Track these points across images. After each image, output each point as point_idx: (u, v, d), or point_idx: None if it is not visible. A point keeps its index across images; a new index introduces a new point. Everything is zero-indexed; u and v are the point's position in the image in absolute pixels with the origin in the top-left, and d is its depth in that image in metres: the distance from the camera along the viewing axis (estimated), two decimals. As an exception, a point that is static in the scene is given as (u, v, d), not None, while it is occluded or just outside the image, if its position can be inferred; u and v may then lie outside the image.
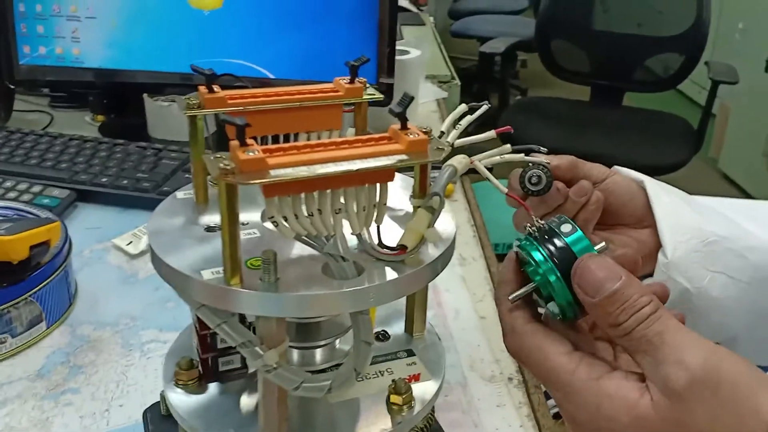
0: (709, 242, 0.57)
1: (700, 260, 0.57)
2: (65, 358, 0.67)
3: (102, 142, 1.03)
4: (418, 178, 0.41)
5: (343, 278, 0.37)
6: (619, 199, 0.59)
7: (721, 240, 0.57)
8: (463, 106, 0.47)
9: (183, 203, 0.44)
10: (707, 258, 0.57)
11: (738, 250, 0.58)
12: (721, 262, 0.57)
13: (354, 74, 0.45)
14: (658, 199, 0.59)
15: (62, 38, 1.07)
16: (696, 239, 0.57)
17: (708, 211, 0.61)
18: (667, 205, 0.58)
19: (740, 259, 0.58)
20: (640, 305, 0.37)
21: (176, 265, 0.36)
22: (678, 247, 0.57)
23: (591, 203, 0.56)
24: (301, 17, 1.04)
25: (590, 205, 0.56)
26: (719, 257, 0.57)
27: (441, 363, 0.47)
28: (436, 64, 1.67)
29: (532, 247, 0.41)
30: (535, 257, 0.40)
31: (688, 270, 0.57)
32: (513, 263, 0.44)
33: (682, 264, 0.57)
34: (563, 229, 0.41)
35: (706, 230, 0.58)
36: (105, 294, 0.76)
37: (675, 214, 0.58)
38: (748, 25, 3.26)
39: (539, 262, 0.40)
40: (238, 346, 0.36)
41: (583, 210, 0.57)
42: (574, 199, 0.56)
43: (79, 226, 0.89)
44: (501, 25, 3.77)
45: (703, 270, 0.57)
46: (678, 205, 0.59)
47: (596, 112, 2.39)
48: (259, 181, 0.33)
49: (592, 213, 0.57)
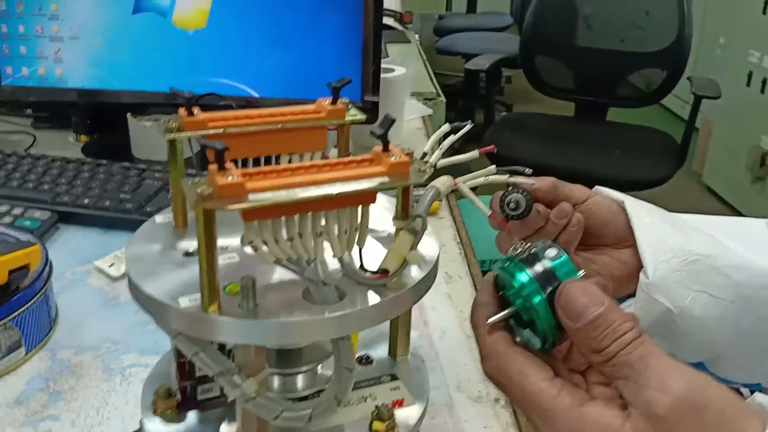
0: (690, 261, 0.57)
1: (681, 279, 0.57)
2: (45, 384, 0.65)
3: (85, 162, 1.02)
4: (400, 200, 0.41)
5: (325, 303, 0.36)
6: (600, 219, 0.59)
7: (702, 258, 0.57)
8: (446, 126, 0.47)
9: (162, 227, 0.43)
10: (689, 277, 0.57)
11: (720, 269, 0.58)
12: (703, 280, 0.57)
13: (336, 96, 0.45)
14: (639, 219, 0.59)
15: (45, 59, 1.07)
16: (677, 258, 0.57)
17: (689, 229, 0.61)
18: (647, 225, 0.58)
19: (722, 278, 0.58)
20: (623, 331, 0.37)
21: (153, 292, 0.36)
22: (659, 266, 0.57)
23: (572, 225, 0.56)
24: (285, 36, 1.04)
25: (571, 227, 0.56)
26: (701, 276, 0.57)
27: (425, 387, 0.46)
28: (421, 81, 1.68)
29: (516, 268, 0.41)
30: (519, 279, 0.40)
31: (669, 290, 0.57)
32: (490, 286, 0.44)
33: (664, 284, 0.57)
34: (548, 254, 0.40)
35: (687, 249, 0.58)
36: (86, 317, 0.75)
37: (655, 233, 0.58)
38: (729, 40, 3.31)
39: (523, 284, 0.40)
40: (216, 376, 0.35)
41: (564, 232, 0.57)
42: (554, 221, 0.56)
43: (60, 248, 0.88)
44: (486, 42, 3.80)
45: (684, 289, 0.57)
46: (658, 225, 0.59)
47: (581, 127, 2.40)
48: (238, 207, 0.32)
49: (573, 234, 0.57)
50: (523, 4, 3.82)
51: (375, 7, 1.02)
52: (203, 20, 1.04)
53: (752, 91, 2.94)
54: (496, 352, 0.41)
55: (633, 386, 0.36)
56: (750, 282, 0.58)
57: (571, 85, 2.42)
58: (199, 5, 1.04)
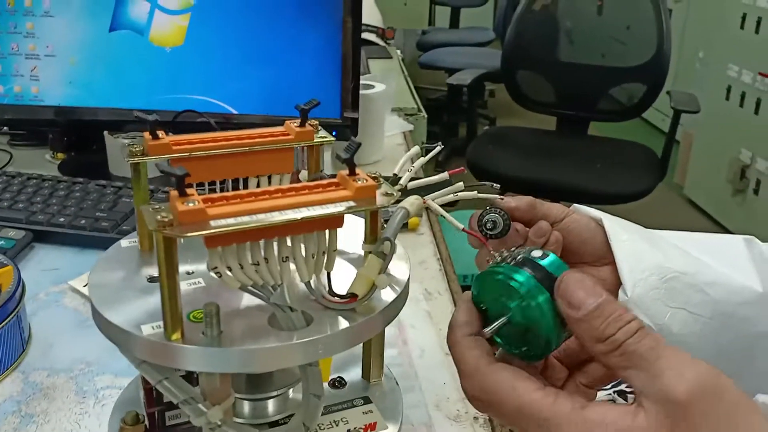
0: (668, 278, 0.57)
1: (660, 297, 0.57)
2: (16, 407, 0.64)
3: (61, 180, 1.01)
4: (368, 224, 0.41)
5: (291, 329, 0.36)
6: (578, 237, 0.60)
7: (680, 276, 0.58)
8: (416, 148, 0.47)
9: (127, 252, 0.43)
10: (667, 294, 0.57)
11: (698, 285, 0.58)
12: (681, 297, 0.58)
13: (304, 118, 0.45)
14: (617, 237, 0.59)
15: (21, 76, 1.06)
16: (655, 276, 0.57)
17: (666, 246, 0.61)
18: (625, 243, 0.59)
19: (700, 294, 0.58)
20: (627, 319, 0.37)
21: (115, 320, 0.35)
22: (637, 284, 0.57)
23: (550, 243, 0.57)
24: (263, 53, 1.04)
25: (549, 246, 0.57)
26: (679, 293, 0.58)
27: (399, 409, 0.46)
28: (402, 96, 1.68)
29: (512, 271, 0.40)
30: (519, 280, 0.39)
31: (649, 307, 0.57)
32: (469, 304, 0.43)
33: (642, 301, 0.57)
34: (535, 254, 0.40)
35: (666, 267, 0.58)
36: (60, 338, 0.74)
37: (633, 251, 0.58)
38: (708, 54, 3.35)
39: (523, 284, 0.39)
40: (181, 404, 0.35)
41: None
42: (533, 239, 0.56)
43: (35, 267, 0.87)
44: (468, 56, 3.82)
45: (663, 306, 0.57)
46: (637, 242, 0.59)
47: (562, 141, 2.42)
48: (198, 234, 0.32)
49: None
50: (505, 19, 3.85)
51: (353, 24, 1.02)
52: (180, 38, 1.04)
53: (731, 104, 2.97)
54: (480, 370, 0.40)
55: (645, 375, 0.35)
56: (728, 299, 0.58)
57: (552, 100, 2.44)
58: (176, 23, 1.03)
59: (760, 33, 2.79)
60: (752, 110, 2.84)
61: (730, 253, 0.62)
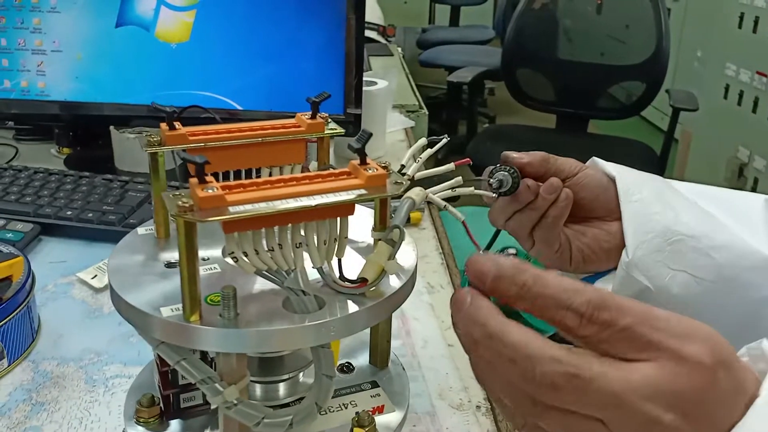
0: (673, 241, 0.58)
1: (662, 259, 0.58)
2: (27, 395, 0.65)
3: (67, 174, 1.02)
4: (378, 212, 0.42)
5: (304, 312, 0.37)
6: (590, 193, 0.60)
7: (686, 239, 0.58)
8: (423, 140, 0.49)
9: (144, 239, 0.44)
10: (670, 257, 0.58)
11: (703, 249, 0.58)
12: (685, 261, 0.58)
13: (315, 110, 0.46)
14: (627, 197, 0.59)
15: (27, 71, 1.07)
16: (660, 238, 0.58)
17: (683, 204, 0.61)
18: (634, 205, 0.59)
19: (705, 258, 0.58)
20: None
21: (135, 303, 0.36)
22: (640, 246, 0.58)
23: (560, 200, 0.58)
24: (268, 49, 1.05)
25: (560, 202, 0.58)
26: (683, 256, 0.58)
27: (405, 394, 0.47)
28: (403, 93, 1.69)
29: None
30: None
31: (649, 269, 0.58)
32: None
33: (643, 263, 0.58)
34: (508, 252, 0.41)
35: (673, 229, 0.58)
36: (69, 329, 0.75)
37: (641, 214, 0.59)
38: (707, 53, 3.37)
39: None
40: (198, 383, 0.36)
41: (553, 207, 0.58)
42: (544, 196, 0.57)
43: (43, 260, 0.88)
44: (468, 54, 3.83)
45: (664, 268, 0.58)
46: (647, 204, 0.60)
47: (562, 138, 2.43)
48: (218, 218, 0.33)
49: (562, 210, 0.59)
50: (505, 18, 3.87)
51: (357, 21, 1.03)
52: (186, 34, 1.05)
53: (729, 103, 2.99)
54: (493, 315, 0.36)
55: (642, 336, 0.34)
56: (735, 263, 0.58)
57: (552, 98, 2.45)
58: (182, 19, 1.05)
59: (757, 32, 2.81)
60: (750, 109, 2.86)
61: (747, 214, 0.62)
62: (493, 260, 0.36)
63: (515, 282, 0.35)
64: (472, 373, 0.41)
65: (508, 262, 0.36)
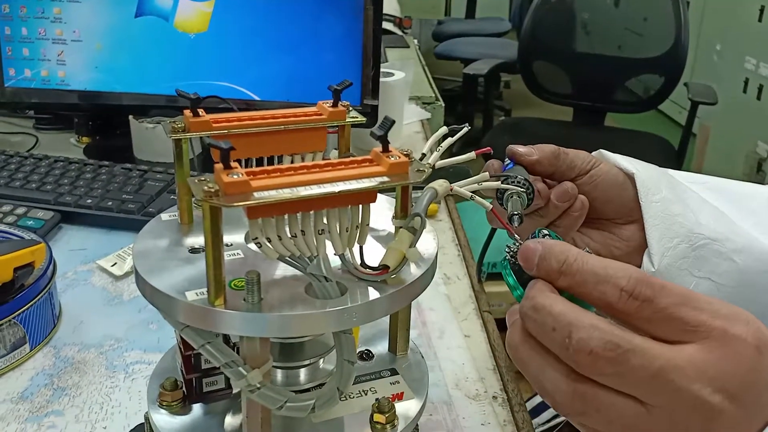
0: (697, 246, 0.54)
1: (687, 267, 0.54)
2: (49, 380, 0.66)
3: (87, 163, 1.03)
4: (399, 200, 0.42)
5: (326, 298, 0.37)
6: (603, 193, 0.56)
7: (710, 243, 0.55)
8: (444, 128, 0.48)
9: (167, 225, 0.44)
10: (694, 264, 0.54)
11: (726, 253, 0.55)
12: (708, 266, 0.55)
13: (337, 98, 0.46)
14: (648, 197, 0.55)
15: (48, 61, 1.08)
16: (685, 244, 0.54)
17: (696, 201, 0.57)
18: (656, 206, 0.55)
19: (728, 263, 0.55)
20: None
21: (160, 287, 0.37)
22: (666, 253, 0.54)
23: (575, 209, 0.54)
24: (286, 40, 1.06)
25: (574, 212, 0.54)
26: (706, 261, 0.55)
27: (424, 381, 0.48)
28: (420, 85, 1.69)
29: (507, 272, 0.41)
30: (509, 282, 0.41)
31: (674, 278, 0.54)
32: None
33: (669, 272, 0.54)
34: None
35: (696, 233, 0.54)
36: (89, 315, 0.76)
37: (664, 217, 0.54)
38: (726, 46, 3.33)
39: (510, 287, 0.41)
40: (222, 367, 0.37)
41: (566, 216, 0.54)
42: (556, 203, 0.53)
43: (63, 247, 0.89)
44: (484, 47, 3.82)
45: (689, 276, 0.54)
46: (668, 204, 0.55)
47: (579, 132, 2.42)
48: (243, 204, 0.33)
49: (575, 220, 0.55)
50: (522, 10, 3.85)
51: (375, 12, 1.03)
52: (205, 24, 1.06)
53: (749, 97, 2.96)
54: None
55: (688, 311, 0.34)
56: (754, 267, 0.55)
57: (569, 91, 2.44)
58: (201, 9, 1.05)
59: (778, 26, 2.78)
60: (769, 103, 2.83)
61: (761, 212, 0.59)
62: (540, 241, 0.38)
63: (558, 259, 0.36)
64: (488, 365, 0.42)
65: (556, 243, 0.37)
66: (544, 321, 0.35)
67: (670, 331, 0.34)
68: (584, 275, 0.35)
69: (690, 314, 0.34)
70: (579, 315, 0.34)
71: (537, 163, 0.53)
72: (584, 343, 0.33)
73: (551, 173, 0.54)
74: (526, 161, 0.53)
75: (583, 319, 0.34)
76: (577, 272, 0.36)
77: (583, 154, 0.56)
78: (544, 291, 0.36)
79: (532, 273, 0.38)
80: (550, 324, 0.35)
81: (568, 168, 0.54)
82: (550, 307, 0.35)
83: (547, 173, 0.54)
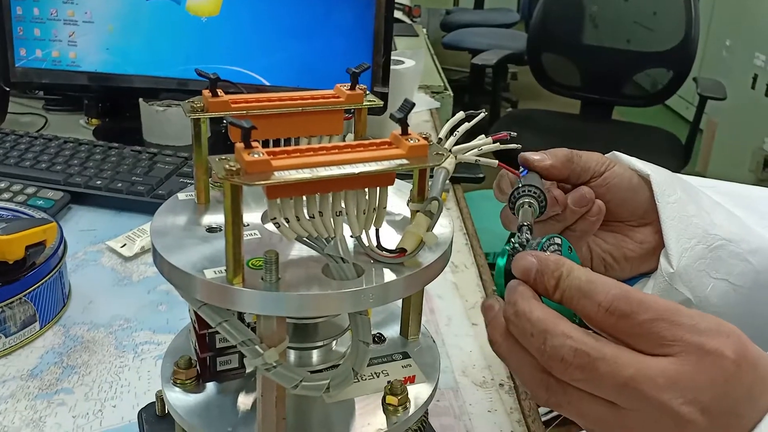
0: (714, 247, 0.54)
1: (705, 268, 0.54)
2: (58, 358, 0.67)
3: (97, 145, 1.03)
4: (416, 183, 0.42)
5: (343, 279, 0.37)
6: (617, 195, 0.55)
7: (726, 244, 0.54)
8: (460, 113, 0.49)
9: (184, 204, 0.44)
10: (711, 265, 0.54)
11: (742, 254, 0.54)
12: (725, 267, 0.54)
13: (355, 81, 0.46)
14: (664, 198, 0.54)
15: (59, 41, 1.08)
16: (702, 245, 0.54)
17: (711, 206, 0.57)
18: (672, 207, 0.54)
19: (744, 264, 0.54)
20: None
21: (179, 264, 0.37)
22: (684, 254, 0.53)
23: (592, 214, 0.53)
24: (297, 26, 1.05)
25: (591, 216, 0.53)
26: (723, 262, 0.54)
27: (436, 365, 0.48)
28: (429, 74, 1.69)
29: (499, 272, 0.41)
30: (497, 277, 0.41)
31: (691, 279, 0.54)
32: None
33: (686, 273, 0.53)
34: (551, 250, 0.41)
35: (712, 234, 0.54)
36: (99, 295, 0.77)
37: (681, 215, 0.54)
38: (736, 42, 3.32)
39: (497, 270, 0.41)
40: (239, 345, 0.37)
41: (583, 221, 0.54)
42: (573, 209, 0.53)
43: (73, 228, 0.89)
44: (492, 38, 3.81)
45: (706, 278, 0.54)
46: (684, 204, 0.55)
47: (586, 125, 2.41)
48: (264, 183, 0.33)
49: (592, 225, 0.54)
50: (530, 1, 3.83)
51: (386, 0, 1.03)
52: (216, 8, 1.05)
53: (757, 93, 2.95)
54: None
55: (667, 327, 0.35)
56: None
57: (577, 83, 2.43)
58: (213, -8, 1.05)
59: (788, 22, 2.76)
60: (777, 100, 2.82)
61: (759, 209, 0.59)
62: (536, 255, 0.39)
63: (554, 275, 0.38)
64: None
65: (551, 257, 0.39)
66: (523, 326, 0.37)
67: (648, 345, 0.36)
68: (571, 291, 0.37)
69: (667, 330, 0.36)
70: (555, 323, 0.37)
71: (551, 168, 0.52)
72: (556, 350, 0.36)
73: (565, 177, 0.54)
74: (540, 167, 0.52)
75: (557, 328, 0.36)
76: (567, 287, 0.38)
77: (597, 156, 0.56)
78: (526, 296, 0.38)
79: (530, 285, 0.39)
80: (529, 330, 0.37)
81: (582, 171, 0.54)
82: (530, 313, 0.37)
83: (561, 177, 0.53)
